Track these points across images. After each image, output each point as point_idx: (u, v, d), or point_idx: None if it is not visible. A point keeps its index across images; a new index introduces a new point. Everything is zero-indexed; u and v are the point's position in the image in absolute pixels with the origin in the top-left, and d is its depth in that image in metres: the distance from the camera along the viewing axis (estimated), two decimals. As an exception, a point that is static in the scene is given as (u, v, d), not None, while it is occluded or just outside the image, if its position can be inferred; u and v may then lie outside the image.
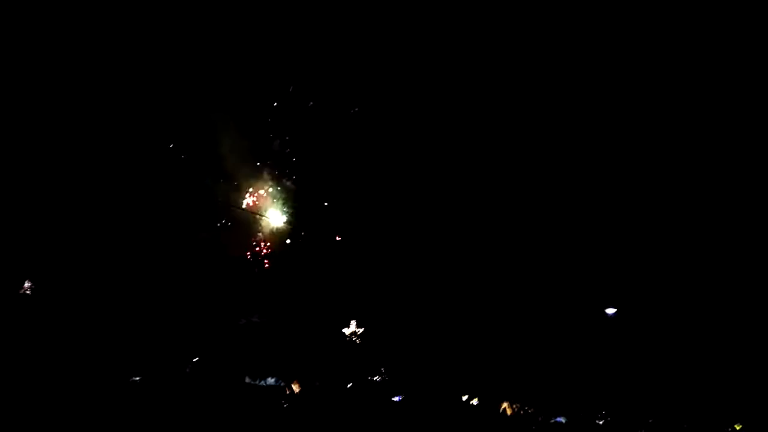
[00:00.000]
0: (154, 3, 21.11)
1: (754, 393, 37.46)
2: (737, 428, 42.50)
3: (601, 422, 37.34)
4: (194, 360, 23.24)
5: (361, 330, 27.51)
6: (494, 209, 30.89)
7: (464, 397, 33.02)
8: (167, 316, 21.70)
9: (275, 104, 25.37)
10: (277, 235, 25.07)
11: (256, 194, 25.10)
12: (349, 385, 27.25)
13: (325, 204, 26.70)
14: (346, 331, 28.14)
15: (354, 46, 27.07)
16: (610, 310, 30.48)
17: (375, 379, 28.98)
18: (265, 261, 25.33)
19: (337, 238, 26.61)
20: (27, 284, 22.82)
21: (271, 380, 26.38)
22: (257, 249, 25.37)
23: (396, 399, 30.50)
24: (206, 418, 19.96)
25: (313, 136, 26.62)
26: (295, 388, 26.24)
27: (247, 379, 25.54)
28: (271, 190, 25.40)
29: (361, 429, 23.21)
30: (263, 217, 25.06)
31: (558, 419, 36.14)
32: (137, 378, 21.14)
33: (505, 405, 33.94)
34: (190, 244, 22.10)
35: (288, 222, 25.31)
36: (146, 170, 21.15)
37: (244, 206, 24.66)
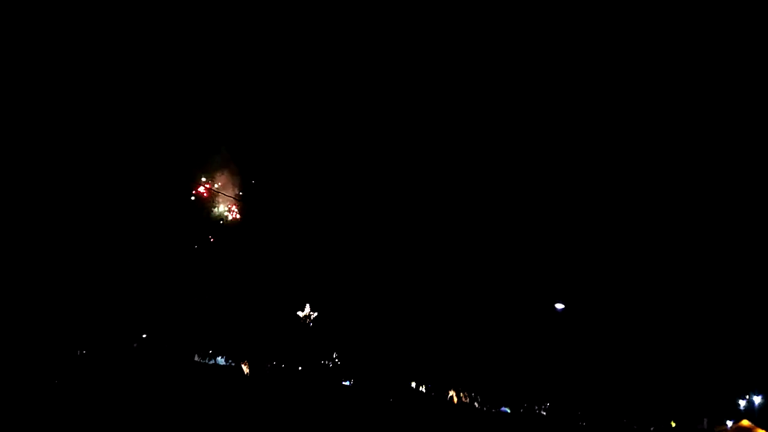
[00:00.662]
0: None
1: (688, 391, 38.92)
2: (672, 425, 44.23)
3: (543, 412, 38.43)
4: (143, 336, 22.93)
5: (315, 314, 27.59)
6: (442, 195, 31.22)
7: (413, 384, 33.49)
8: (118, 291, 21.35)
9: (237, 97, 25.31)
10: (231, 217, 24.93)
11: (212, 177, 24.93)
12: (299, 368, 27.30)
13: (282, 187, 26.64)
14: (300, 313, 28.14)
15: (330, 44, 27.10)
16: (559, 305, 31.30)
17: (326, 362, 29.11)
18: (219, 240, 25.08)
19: (295, 222, 26.60)
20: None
21: (221, 360, 26.20)
22: (211, 229, 25.10)
23: (346, 383, 30.70)
24: (153, 394, 19.75)
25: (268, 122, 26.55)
26: (245, 368, 26.12)
27: (197, 358, 25.31)
28: (226, 172, 25.22)
29: (310, 411, 23.34)
30: (217, 200, 24.91)
31: (503, 409, 37.03)
32: (84, 351, 20.76)
33: (452, 393, 34.58)
34: (145, 227, 21.84)
35: (243, 204, 25.17)
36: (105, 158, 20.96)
37: (199, 189, 24.47)
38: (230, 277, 23.93)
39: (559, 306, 31.19)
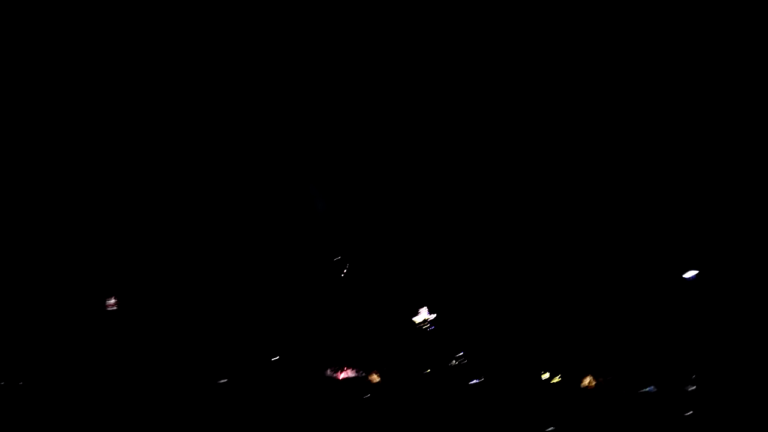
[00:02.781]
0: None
1: None
2: None
3: (691, 388, 35.89)
4: (274, 359, 24.09)
5: (433, 316, 27.63)
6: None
7: (545, 376, 32.56)
8: (242, 316, 22.55)
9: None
10: (334, 227, 25.32)
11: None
12: (426, 371, 27.48)
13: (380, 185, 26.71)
14: (417, 319, 28.34)
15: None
16: (689, 274, 29.09)
17: (452, 363, 29.06)
18: (331, 257, 25.72)
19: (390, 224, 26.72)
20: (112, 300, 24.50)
21: (351, 373, 26.92)
22: (319, 243, 25.77)
23: (474, 382, 30.41)
24: (291, 415, 20.71)
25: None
26: (374, 378, 26.66)
27: (328, 372, 26.19)
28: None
29: (442, 414, 23.50)
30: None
31: (649, 389, 35.02)
32: (224, 380, 22.16)
33: (588, 379, 33.24)
34: (255, 243, 22.88)
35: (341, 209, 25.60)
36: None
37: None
38: (340, 293, 24.55)
39: (689, 274, 29.02)
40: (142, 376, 19.19)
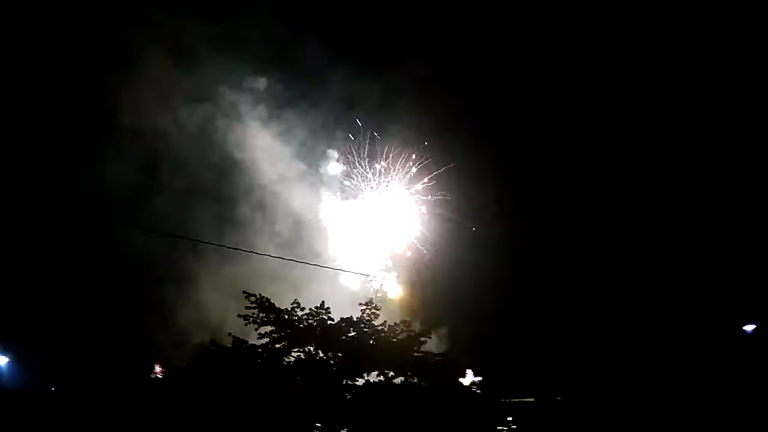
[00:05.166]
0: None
1: None
2: None
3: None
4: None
5: (479, 378, 26.82)
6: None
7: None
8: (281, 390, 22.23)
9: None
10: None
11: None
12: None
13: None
14: (464, 381, 27.36)
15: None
16: (749, 327, 27.57)
17: (502, 429, 27.75)
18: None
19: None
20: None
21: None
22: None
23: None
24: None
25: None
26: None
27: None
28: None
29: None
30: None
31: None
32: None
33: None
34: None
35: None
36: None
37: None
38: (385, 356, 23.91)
39: (749, 328, 27.42)
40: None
